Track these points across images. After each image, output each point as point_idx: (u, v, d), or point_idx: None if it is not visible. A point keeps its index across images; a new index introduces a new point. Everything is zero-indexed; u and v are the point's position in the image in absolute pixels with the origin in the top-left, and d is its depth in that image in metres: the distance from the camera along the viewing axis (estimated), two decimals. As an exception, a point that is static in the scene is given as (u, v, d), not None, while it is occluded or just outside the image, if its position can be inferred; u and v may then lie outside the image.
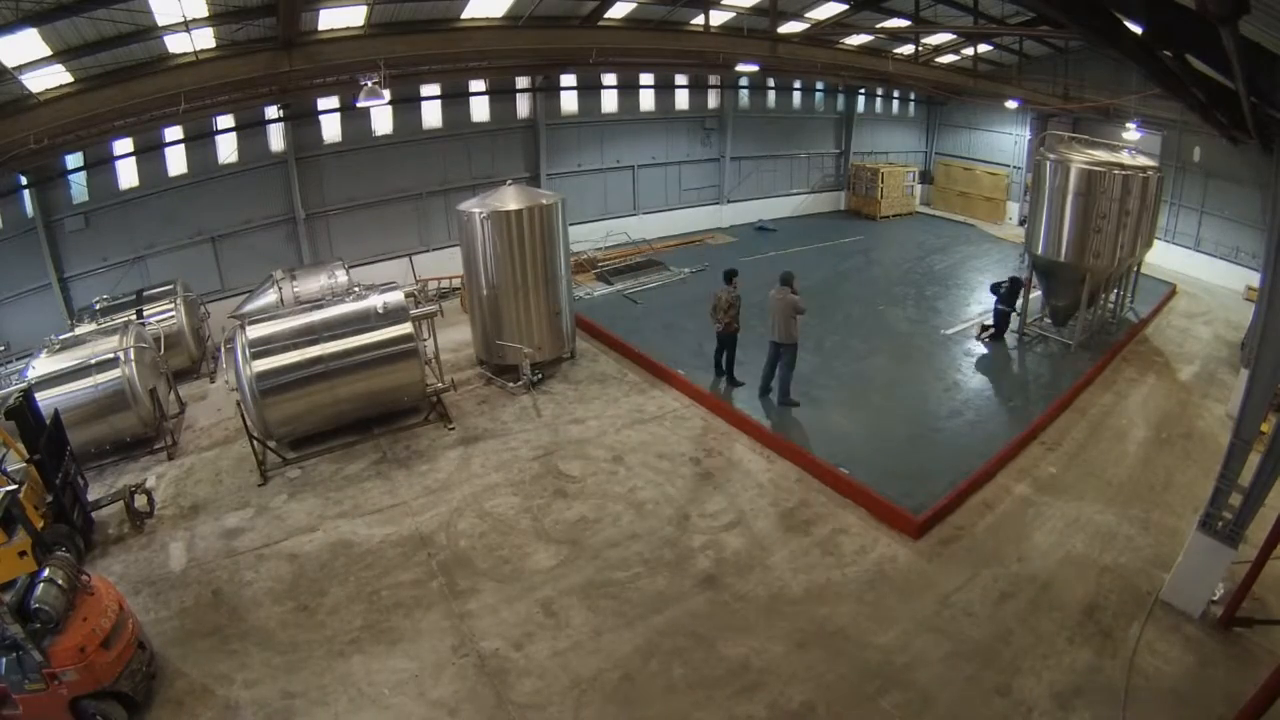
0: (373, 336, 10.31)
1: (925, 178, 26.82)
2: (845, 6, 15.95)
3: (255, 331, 9.85)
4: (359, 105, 13.92)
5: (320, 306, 10.52)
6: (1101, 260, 12.62)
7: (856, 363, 12.74)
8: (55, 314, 13.06)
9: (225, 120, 14.46)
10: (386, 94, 11.68)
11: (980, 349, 13.33)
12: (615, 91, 19.86)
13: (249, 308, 12.74)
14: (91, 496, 9.00)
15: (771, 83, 22.80)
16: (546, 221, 11.81)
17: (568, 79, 18.59)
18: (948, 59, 21.12)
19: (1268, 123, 9.65)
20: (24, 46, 9.18)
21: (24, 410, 8.12)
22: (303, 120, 15.37)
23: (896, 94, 26.20)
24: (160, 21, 9.98)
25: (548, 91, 18.48)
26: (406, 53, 11.93)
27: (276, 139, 15.28)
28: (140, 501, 8.95)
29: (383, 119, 16.45)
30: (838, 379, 12.06)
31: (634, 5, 14.38)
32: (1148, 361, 13.31)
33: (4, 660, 5.62)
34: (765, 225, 22.92)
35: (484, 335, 12.44)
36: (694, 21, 15.32)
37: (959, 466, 9.40)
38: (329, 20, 11.53)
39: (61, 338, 10.62)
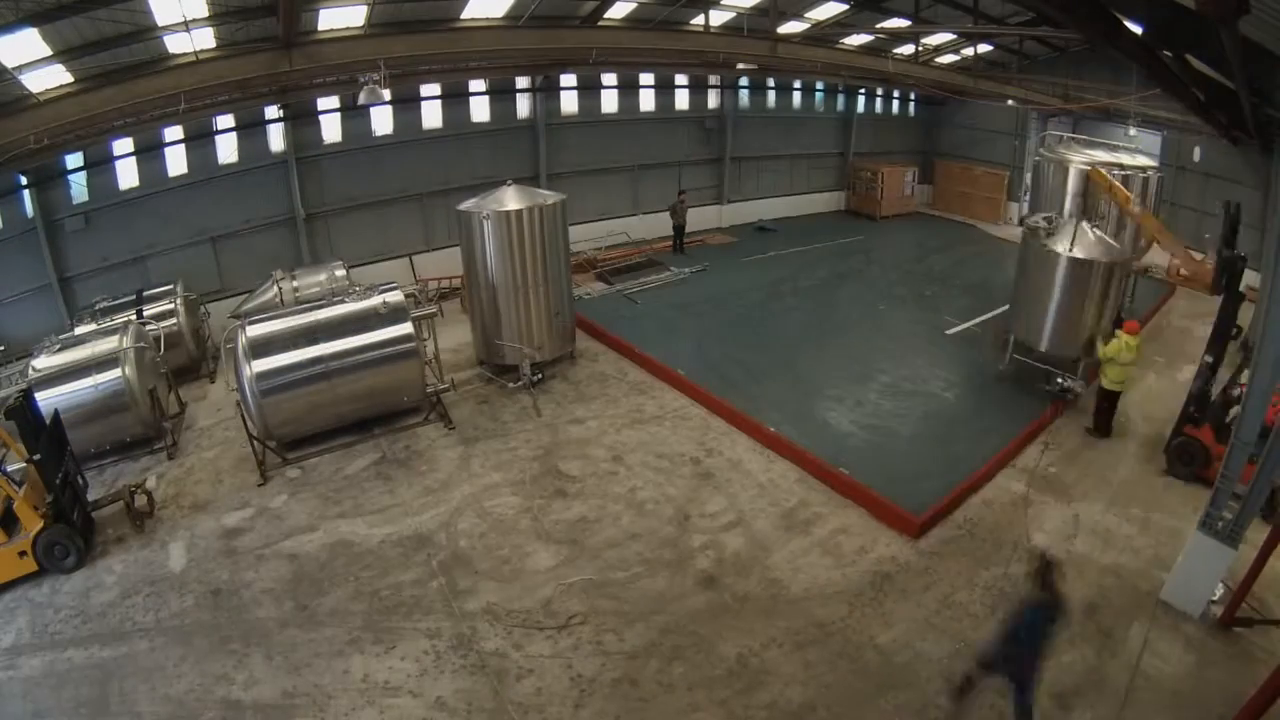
0: (373, 336, 10.31)
1: (925, 178, 26.83)
2: (845, 6, 15.97)
3: (255, 331, 9.85)
4: (359, 105, 13.94)
5: (320, 307, 10.51)
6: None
7: (857, 363, 12.73)
8: (55, 314, 13.04)
9: (225, 120, 14.45)
10: (386, 94, 11.69)
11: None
12: (615, 91, 19.84)
13: (249, 308, 12.73)
14: (91, 496, 9.00)
15: (771, 83, 22.78)
16: (547, 221, 11.80)
17: (568, 79, 18.57)
18: (947, 59, 21.13)
19: (1268, 123, 9.66)
20: (24, 46, 9.20)
21: (24, 410, 8.11)
22: (303, 120, 15.36)
23: (896, 94, 26.19)
24: (160, 21, 10.00)
25: (548, 91, 18.47)
26: (406, 53, 11.95)
27: (276, 139, 15.26)
28: (140, 501, 8.95)
29: (383, 119, 16.43)
30: (838, 379, 12.05)
31: (634, 5, 14.39)
32: (1147, 361, 13.28)
33: None
34: (765, 225, 22.91)
35: (484, 335, 12.44)
36: (694, 21, 15.35)
37: (959, 466, 9.41)
38: (329, 20, 11.55)
39: (61, 338, 10.62)
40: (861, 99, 25.66)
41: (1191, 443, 9.54)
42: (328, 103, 15.47)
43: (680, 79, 20.91)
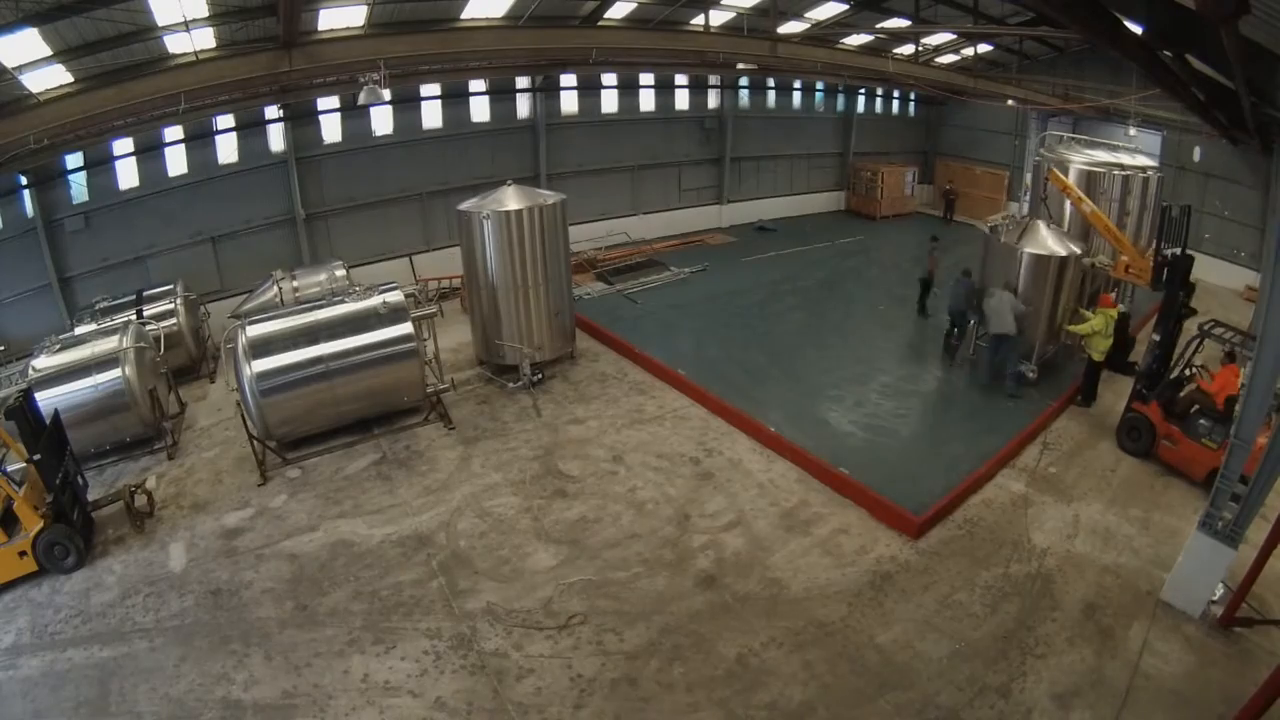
0: (373, 336, 10.31)
1: (925, 177, 26.81)
2: (845, 6, 15.97)
3: (255, 331, 9.85)
4: (359, 105, 13.92)
5: (320, 307, 10.51)
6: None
7: (857, 363, 12.74)
8: (55, 314, 13.04)
9: (225, 120, 14.46)
10: (386, 94, 11.69)
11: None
12: (615, 91, 19.85)
13: (249, 308, 12.73)
14: (91, 496, 9.00)
15: (771, 83, 22.79)
16: (547, 221, 11.80)
17: (568, 79, 18.58)
18: (947, 59, 21.13)
19: (1268, 123, 9.67)
20: (24, 46, 9.19)
21: (24, 410, 8.12)
22: (303, 120, 15.36)
23: (896, 94, 26.19)
24: (160, 21, 10.00)
25: (548, 91, 18.47)
26: (406, 53, 11.95)
27: (276, 139, 15.26)
28: (140, 501, 8.95)
29: (383, 119, 16.44)
30: (838, 379, 12.05)
31: (634, 5, 14.40)
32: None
33: None
34: (765, 225, 22.91)
35: (484, 335, 12.44)
36: (694, 21, 15.34)
37: (959, 466, 9.41)
38: (329, 20, 11.55)
39: (61, 338, 10.61)
40: (861, 99, 25.67)
41: (1139, 419, 9.78)
42: (328, 103, 15.48)
43: (680, 79, 20.91)
